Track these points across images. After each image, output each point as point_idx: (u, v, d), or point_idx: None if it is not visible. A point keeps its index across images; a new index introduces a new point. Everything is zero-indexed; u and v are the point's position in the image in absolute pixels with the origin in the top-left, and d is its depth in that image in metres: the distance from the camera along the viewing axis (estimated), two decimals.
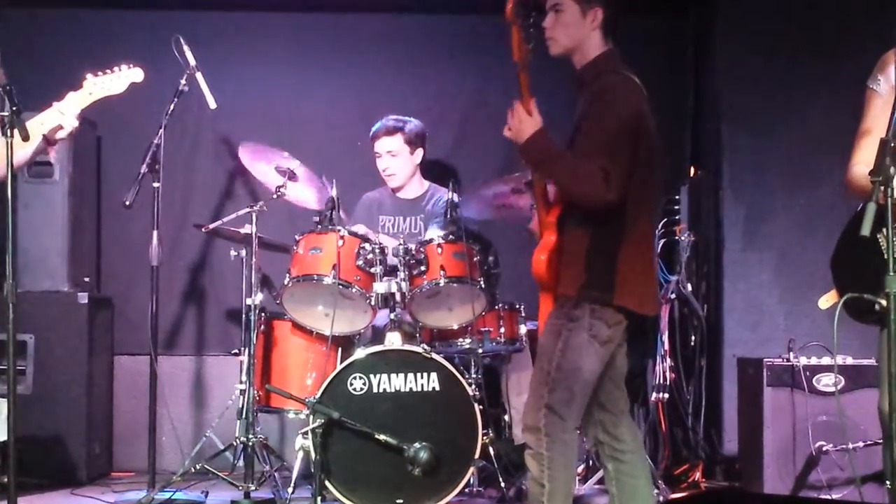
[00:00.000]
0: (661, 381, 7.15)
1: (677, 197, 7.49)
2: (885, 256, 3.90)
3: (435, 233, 6.65)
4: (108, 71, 5.47)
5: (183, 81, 6.69)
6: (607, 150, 4.65)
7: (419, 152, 7.18)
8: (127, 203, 6.41)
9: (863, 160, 4.26)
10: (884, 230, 3.98)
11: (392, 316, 6.39)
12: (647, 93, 4.85)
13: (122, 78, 5.52)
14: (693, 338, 7.39)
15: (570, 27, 4.87)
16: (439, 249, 6.35)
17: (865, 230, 3.72)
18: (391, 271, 6.45)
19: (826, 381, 6.39)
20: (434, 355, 6.17)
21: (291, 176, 6.66)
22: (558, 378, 4.73)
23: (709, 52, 7.72)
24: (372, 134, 7.13)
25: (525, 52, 4.87)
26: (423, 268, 6.35)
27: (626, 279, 4.78)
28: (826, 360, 6.42)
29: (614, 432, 4.99)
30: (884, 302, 3.80)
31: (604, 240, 4.78)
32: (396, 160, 7.12)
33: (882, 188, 3.79)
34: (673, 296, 7.29)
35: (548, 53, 4.88)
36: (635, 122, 4.74)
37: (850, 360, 6.37)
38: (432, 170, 7.41)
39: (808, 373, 6.39)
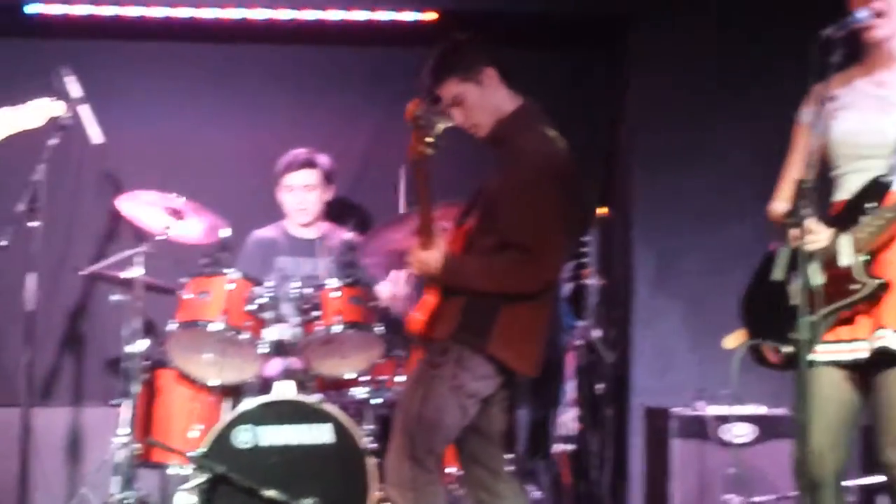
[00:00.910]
0: (566, 432, 7.00)
1: (586, 239, 7.33)
2: (793, 302, 3.85)
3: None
4: (21, 104, 5.20)
5: (65, 114, 6.42)
6: (528, 224, 4.54)
7: (331, 190, 7.02)
8: (2, 244, 6.13)
9: (783, 196, 4.23)
10: (793, 275, 3.94)
11: (283, 364, 6.21)
12: (558, 129, 4.72)
13: (37, 111, 5.26)
14: (600, 386, 7.21)
15: (479, 104, 4.75)
16: (335, 294, 6.16)
17: (778, 274, 3.66)
18: (284, 317, 6.25)
19: (736, 432, 6.29)
20: (327, 405, 5.99)
21: (179, 215, 6.43)
22: (418, 430, 4.57)
23: (622, 88, 7.63)
24: (285, 165, 6.93)
25: (421, 153, 4.64)
26: (317, 313, 6.15)
27: (506, 330, 4.60)
28: (737, 410, 6.32)
29: (494, 489, 4.82)
30: (787, 349, 3.78)
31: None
32: (311, 195, 6.93)
33: (795, 231, 3.70)
34: (580, 342, 7.15)
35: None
36: (552, 185, 4.61)
37: (762, 410, 6.30)
38: (330, 208, 7.19)
39: (716, 423, 6.29)
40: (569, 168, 4.74)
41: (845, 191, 4.13)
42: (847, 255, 3.97)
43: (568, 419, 7.01)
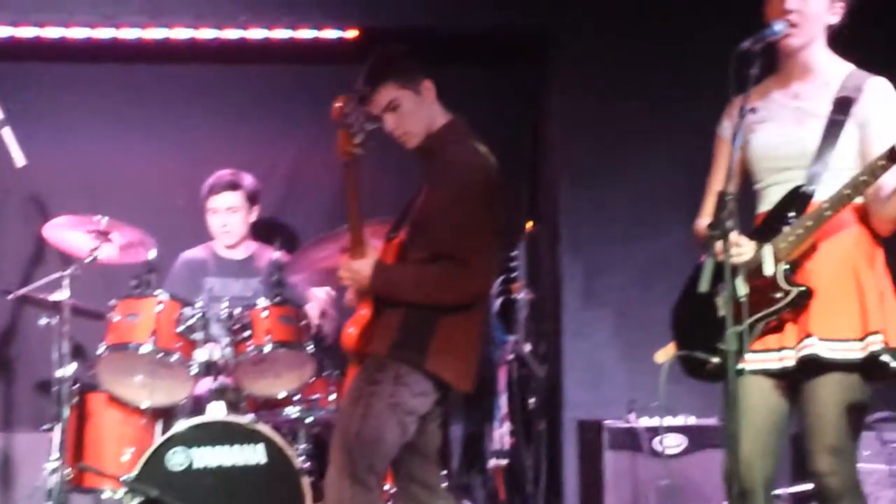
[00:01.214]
0: (500, 447, 6.96)
1: (514, 253, 7.34)
2: (721, 313, 3.85)
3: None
4: None
5: None
6: (459, 234, 4.56)
7: (256, 210, 6.97)
8: None
9: (708, 210, 4.23)
10: (720, 286, 3.92)
11: (215, 385, 6.14)
12: (490, 155, 4.73)
13: None
14: (532, 400, 7.21)
15: (415, 113, 4.76)
16: (265, 313, 6.11)
17: (703, 286, 3.66)
18: (214, 337, 6.23)
19: (667, 443, 6.31)
20: (260, 425, 5.93)
21: (105, 237, 6.34)
22: (357, 447, 4.54)
23: (545, 104, 7.65)
24: (209, 188, 6.87)
25: (350, 154, 4.69)
26: (247, 333, 6.11)
27: (443, 346, 4.61)
28: (668, 421, 6.34)
29: None
30: (715, 360, 3.75)
31: (426, 306, 4.64)
32: (236, 217, 6.87)
33: (719, 243, 3.72)
34: (511, 356, 7.14)
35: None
36: (482, 197, 4.64)
37: (692, 420, 6.31)
38: (258, 228, 7.15)
39: (648, 434, 6.30)
40: (497, 183, 4.76)
41: (768, 203, 4.15)
42: (770, 265, 4.00)
43: (501, 434, 6.98)
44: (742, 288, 3.84)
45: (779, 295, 4.00)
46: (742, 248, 3.96)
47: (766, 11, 4.14)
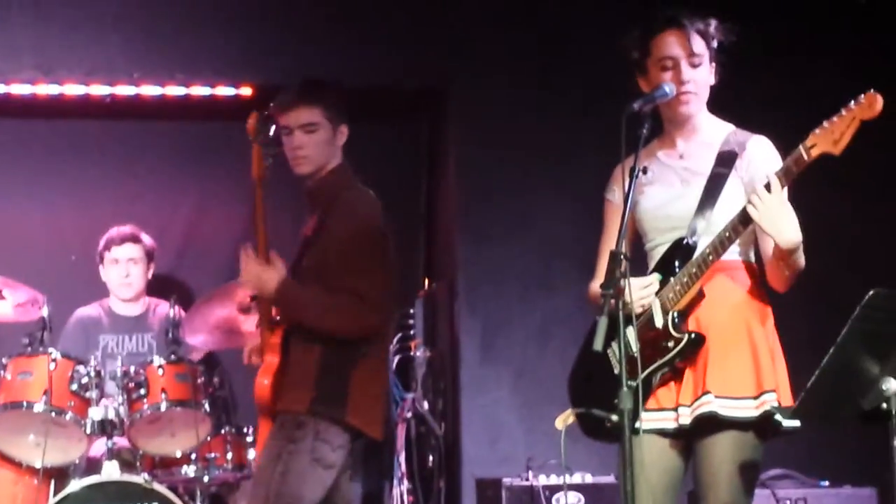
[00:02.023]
0: None
1: (412, 311, 7.37)
2: (616, 371, 3.84)
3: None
4: None
5: None
6: (358, 270, 4.59)
7: (152, 267, 6.95)
8: None
9: (601, 273, 4.20)
10: (614, 344, 3.96)
11: (109, 444, 6.04)
12: (380, 201, 4.76)
13: None
14: (431, 458, 7.21)
15: (324, 146, 4.82)
16: (160, 371, 6.06)
17: (597, 344, 3.67)
18: (108, 396, 6.12)
19: (566, 502, 6.30)
20: (156, 485, 5.88)
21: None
22: None
23: (440, 160, 7.68)
24: (108, 240, 6.84)
25: (263, 169, 4.72)
26: (142, 391, 6.04)
27: (359, 398, 4.65)
28: (566, 479, 6.33)
29: None
30: (615, 417, 3.73)
31: (337, 357, 4.66)
32: (136, 269, 6.86)
33: (612, 301, 3.73)
34: (409, 414, 7.15)
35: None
36: (379, 238, 4.72)
37: (590, 478, 6.31)
38: (152, 283, 7.10)
39: (547, 493, 6.28)
40: (387, 227, 4.82)
41: (657, 261, 4.20)
42: (659, 316, 4.04)
43: (400, 492, 6.96)
44: (634, 343, 3.86)
45: (670, 344, 4.03)
46: (643, 300, 3.99)
47: (649, 79, 4.20)
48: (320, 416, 4.60)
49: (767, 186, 3.89)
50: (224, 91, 7.26)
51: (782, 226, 3.90)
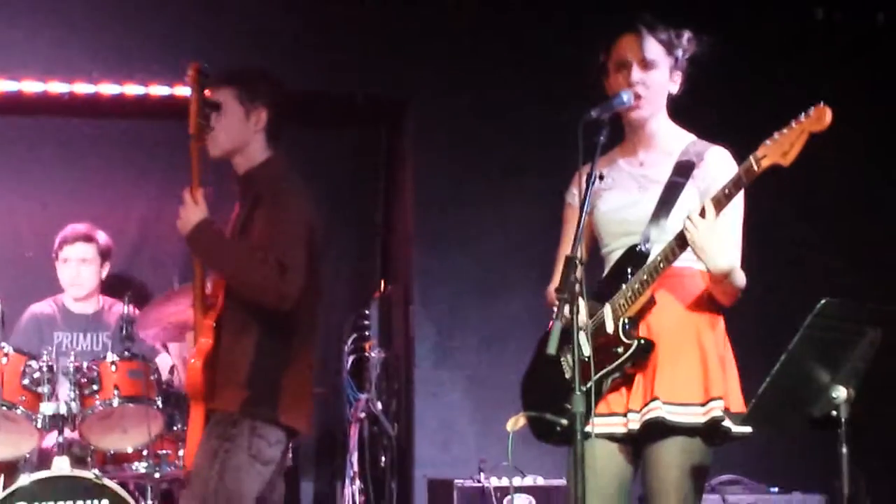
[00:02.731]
0: None
1: (367, 312, 7.38)
2: (569, 375, 3.87)
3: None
4: None
5: None
6: (283, 246, 4.52)
7: (107, 266, 6.93)
8: None
9: (558, 277, 4.17)
10: (567, 348, 3.95)
11: (60, 439, 6.00)
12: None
13: None
14: (383, 458, 7.22)
15: (233, 129, 4.75)
16: (113, 367, 6.06)
17: (551, 348, 3.67)
18: (61, 391, 6.09)
19: (517, 503, 6.29)
20: (106, 481, 5.84)
21: None
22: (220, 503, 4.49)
23: (400, 165, 7.68)
24: (62, 239, 6.81)
25: (200, 126, 4.68)
26: (95, 387, 6.04)
27: (290, 397, 4.63)
28: (517, 481, 6.36)
29: None
30: (565, 422, 3.76)
31: (270, 353, 4.63)
32: (88, 269, 6.83)
33: (567, 306, 3.73)
34: (363, 414, 7.15)
35: None
36: (309, 232, 4.65)
37: (541, 481, 6.35)
38: (108, 281, 7.07)
39: (498, 494, 6.31)
40: (317, 219, 4.78)
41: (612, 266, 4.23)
42: (611, 322, 4.06)
43: (352, 492, 6.96)
44: (587, 348, 3.87)
45: (620, 350, 4.05)
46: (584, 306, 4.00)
47: (610, 83, 4.23)
48: (254, 416, 4.58)
49: (702, 212, 3.93)
50: (182, 91, 7.22)
51: (712, 252, 3.93)
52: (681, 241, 3.96)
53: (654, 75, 4.18)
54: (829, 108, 3.78)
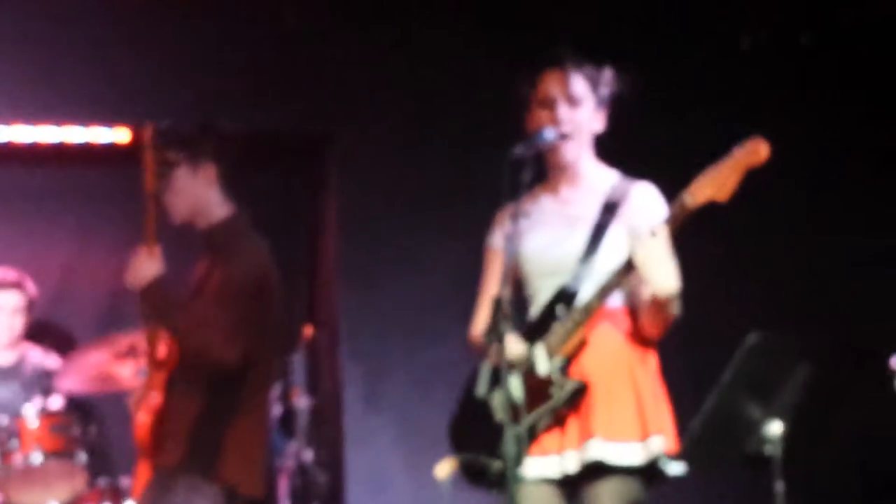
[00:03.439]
0: None
1: (293, 359, 7.26)
2: (500, 417, 3.83)
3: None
4: None
5: None
6: (234, 310, 4.51)
7: (28, 318, 6.78)
8: None
9: (481, 318, 4.24)
10: (497, 391, 3.94)
11: None
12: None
13: None
14: None
15: (185, 191, 4.72)
16: (34, 422, 5.98)
17: (481, 390, 3.67)
18: None
19: None
20: None
21: None
22: None
23: (324, 204, 7.64)
24: None
25: (155, 185, 4.64)
26: (15, 443, 5.95)
27: (234, 455, 4.57)
28: None
29: None
30: (498, 464, 3.74)
31: (216, 410, 4.59)
32: (17, 319, 6.70)
33: (494, 347, 3.71)
34: (292, 464, 7.02)
35: None
36: (265, 290, 4.66)
37: None
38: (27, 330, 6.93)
39: None
40: (277, 279, 4.78)
41: (538, 306, 4.19)
42: (543, 363, 4.02)
43: None
44: (518, 390, 3.83)
45: (553, 391, 4.01)
46: (515, 348, 3.97)
47: (532, 118, 4.21)
48: (192, 471, 4.54)
49: (653, 233, 3.90)
50: (99, 133, 7.13)
51: (661, 274, 3.92)
52: (628, 266, 3.93)
53: (581, 112, 4.16)
54: (764, 141, 3.78)
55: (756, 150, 3.79)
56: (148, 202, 4.64)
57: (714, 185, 3.83)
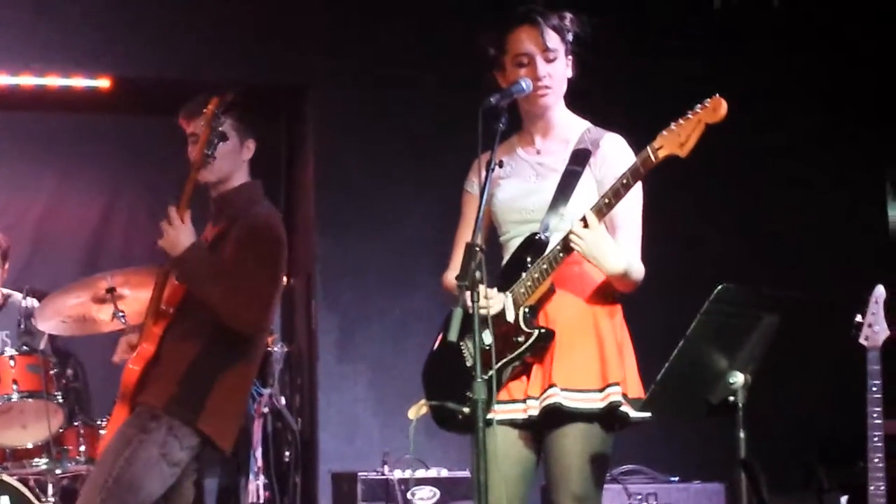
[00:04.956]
0: (255, 500, 6.90)
1: None
2: (470, 363, 3.88)
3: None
4: None
5: None
6: (259, 278, 4.60)
7: (7, 266, 6.80)
8: None
9: (455, 264, 4.24)
10: (468, 336, 3.97)
11: None
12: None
13: None
14: (287, 453, 7.20)
15: (229, 158, 4.79)
16: (12, 362, 6.02)
17: (452, 335, 3.70)
18: None
19: (421, 495, 6.34)
20: (6, 477, 5.83)
21: None
22: (115, 490, 4.47)
23: (301, 155, 7.66)
24: None
25: (203, 157, 4.63)
26: None
27: (215, 408, 4.62)
28: (420, 473, 6.39)
29: None
30: (467, 410, 3.76)
31: (208, 363, 4.65)
32: None
33: (468, 293, 3.74)
34: (266, 409, 7.12)
35: None
36: (282, 257, 4.75)
37: (444, 473, 6.38)
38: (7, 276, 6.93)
39: (402, 486, 6.34)
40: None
41: (510, 254, 4.23)
42: (511, 310, 4.07)
43: (257, 487, 6.94)
44: (487, 336, 3.89)
45: (521, 339, 4.06)
46: (492, 301, 4.02)
47: (507, 76, 4.22)
48: (174, 414, 4.57)
49: (584, 221, 3.97)
50: (80, 82, 7.15)
51: (603, 259, 3.98)
52: (565, 248, 3.99)
53: (557, 65, 4.19)
54: (724, 99, 3.84)
55: (716, 108, 3.83)
56: (192, 170, 4.67)
57: (676, 140, 3.88)
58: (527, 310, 4.08)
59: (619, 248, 4.03)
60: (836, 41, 7.61)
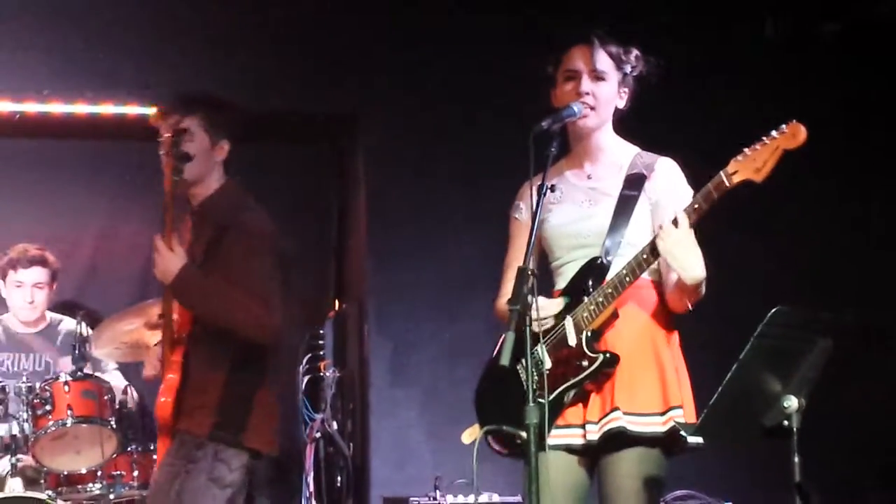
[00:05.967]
0: None
1: (322, 331, 7.34)
2: (524, 387, 3.85)
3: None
4: None
5: None
6: (261, 279, 4.57)
7: (55, 288, 6.87)
8: None
9: (508, 290, 4.13)
10: (523, 360, 3.94)
11: (12, 461, 5.99)
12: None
13: None
14: (339, 478, 7.19)
15: (200, 159, 4.76)
16: (66, 387, 6.02)
17: (504, 360, 3.68)
18: (12, 413, 6.07)
19: None
20: (60, 502, 5.84)
21: None
22: None
23: (353, 182, 7.67)
24: (14, 261, 6.74)
25: (171, 183, 4.67)
26: (48, 407, 5.98)
27: (257, 421, 4.66)
28: (472, 499, 6.37)
29: None
30: (524, 434, 3.72)
31: (243, 380, 4.66)
32: (41, 293, 6.77)
33: (520, 317, 3.72)
34: (318, 434, 7.13)
35: None
36: (278, 258, 4.69)
37: (496, 498, 6.35)
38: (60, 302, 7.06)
39: None
40: (285, 252, 4.82)
41: (564, 279, 4.23)
42: (573, 335, 4.07)
43: None
44: (547, 360, 3.89)
45: (585, 363, 4.05)
46: (543, 311, 4.00)
47: (557, 94, 4.26)
48: (219, 440, 4.60)
49: (675, 222, 3.95)
50: (133, 110, 7.19)
51: (686, 262, 3.96)
52: (653, 250, 3.98)
53: (604, 87, 4.20)
54: (802, 125, 3.82)
55: (795, 134, 3.82)
56: (166, 197, 4.69)
57: (752, 165, 3.86)
58: (590, 334, 4.07)
59: (700, 255, 4.02)
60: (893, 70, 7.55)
